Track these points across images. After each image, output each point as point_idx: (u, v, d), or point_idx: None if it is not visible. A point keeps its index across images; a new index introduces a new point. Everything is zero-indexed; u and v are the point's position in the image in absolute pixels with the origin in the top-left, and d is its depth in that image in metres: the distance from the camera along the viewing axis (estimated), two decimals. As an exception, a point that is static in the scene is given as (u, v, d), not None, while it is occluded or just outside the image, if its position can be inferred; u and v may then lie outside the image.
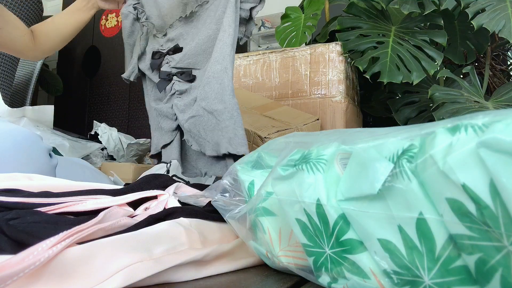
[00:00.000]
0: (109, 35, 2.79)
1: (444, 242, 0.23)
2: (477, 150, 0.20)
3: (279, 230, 0.35)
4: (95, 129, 1.59)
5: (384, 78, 1.04)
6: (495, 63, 1.38)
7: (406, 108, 1.26)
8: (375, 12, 1.24)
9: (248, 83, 1.25)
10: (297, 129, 0.92)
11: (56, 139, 1.30)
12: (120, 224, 0.34)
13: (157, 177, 0.51)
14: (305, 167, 0.31)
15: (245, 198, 0.39)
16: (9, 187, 0.39)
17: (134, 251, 0.30)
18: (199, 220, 0.39)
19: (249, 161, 0.42)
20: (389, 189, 0.24)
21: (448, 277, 0.23)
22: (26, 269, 0.23)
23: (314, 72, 1.15)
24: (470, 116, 0.22)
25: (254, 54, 1.25)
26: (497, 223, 0.20)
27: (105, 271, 0.27)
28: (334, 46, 1.13)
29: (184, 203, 0.44)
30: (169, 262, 0.31)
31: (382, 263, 0.25)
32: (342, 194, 0.28)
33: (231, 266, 0.37)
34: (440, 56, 1.12)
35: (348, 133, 0.31)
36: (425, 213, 0.23)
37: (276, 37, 1.46)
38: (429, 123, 0.25)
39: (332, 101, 1.11)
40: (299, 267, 0.34)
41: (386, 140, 0.26)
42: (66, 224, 0.33)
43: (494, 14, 0.97)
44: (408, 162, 0.24)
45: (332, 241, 0.29)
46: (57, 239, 0.26)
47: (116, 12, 2.81)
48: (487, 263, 0.21)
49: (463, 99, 0.99)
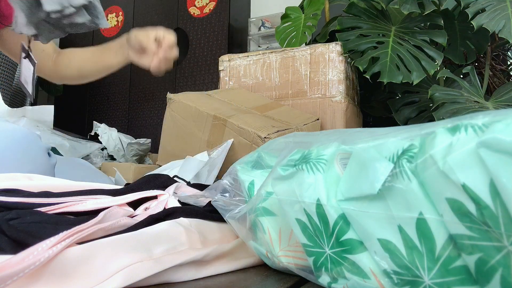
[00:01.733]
0: (109, 35, 2.79)
1: (444, 242, 0.23)
2: (477, 150, 0.20)
3: (279, 230, 0.35)
4: (95, 130, 1.59)
5: (384, 78, 1.04)
6: (495, 63, 1.38)
7: (406, 108, 1.26)
8: (375, 12, 1.24)
9: (248, 83, 1.25)
10: (297, 129, 0.92)
11: (56, 139, 1.30)
12: (120, 224, 0.34)
13: (157, 177, 0.51)
14: (305, 167, 0.31)
15: (245, 198, 0.39)
16: (9, 187, 0.39)
17: (134, 251, 0.30)
18: (199, 220, 0.39)
19: (249, 161, 0.42)
20: (389, 189, 0.24)
21: (448, 277, 0.23)
22: (26, 269, 0.23)
23: (314, 72, 1.15)
24: (470, 116, 0.22)
25: (254, 54, 1.25)
26: (497, 223, 0.20)
27: (105, 271, 0.27)
28: (334, 46, 1.13)
29: (184, 203, 0.44)
30: (169, 262, 0.31)
31: (382, 263, 0.25)
32: (342, 194, 0.28)
33: (231, 266, 0.37)
34: (440, 56, 1.12)
35: (348, 133, 0.31)
36: (425, 213, 0.23)
37: (276, 37, 1.46)
38: (429, 123, 0.25)
39: (332, 101, 1.11)
40: (299, 267, 0.34)
41: (386, 140, 0.26)
42: (66, 224, 0.33)
43: (494, 14, 0.97)
44: (408, 162, 0.24)
45: (332, 241, 0.29)
46: (57, 239, 0.26)
47: (116, 12, 2.81)
48: (487, 263, 0.21)
49: (463, 99, 0.99)
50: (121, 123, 2.63)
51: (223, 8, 2.51)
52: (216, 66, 2.38)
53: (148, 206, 0.43)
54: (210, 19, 2.54)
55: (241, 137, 0.85)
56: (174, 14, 2.68)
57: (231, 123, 0.87)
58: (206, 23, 2.56)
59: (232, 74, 1.27)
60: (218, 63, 1.30)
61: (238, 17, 2.60)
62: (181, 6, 2.66)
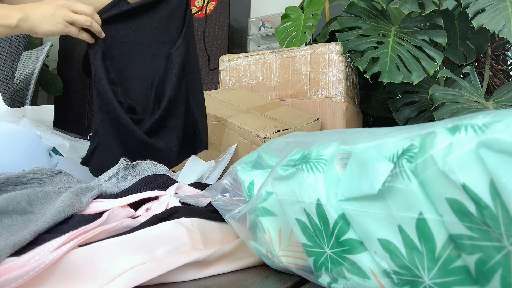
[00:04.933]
0: (109, 35, 2.78)
1: (444, 242, 0.23)
2: (477, 150, 0.20)
3: (279, 230, 0.35)
4: (95, 130, 1.58)
5: (384, 78, 1.04)
6: (495, 63, 1.38)
7: (406, 108, 1.26)
8: (375, 12, 1.24)
9: (248, 83, 1.25)
10: (297, 129, 0.92)
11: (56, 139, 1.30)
12: (123, 225, 0.34)
13: (156, 178, 0.51)
14: (305, 167, 0.31)
15: (245, 198, 0.39)
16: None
17: (136, 252, 0.30)
18: (200, 220, 0.39)
19: (249, 161, 0.42)
20: (389, 189, 0.24)
21: (448, 277, 0.23)
22: (31, 272, 0.23)
23: (314, 72, 1.15)
24: (470, 116, 0.22)
25: (254, 54, 1.25)
26: (497, 223, 0.20)
27: (109, 273, 0.27)
28: (334, 46, 1.13)
29: (185, 203, 0.44)
30: (172, 263, 0.31)
31: (382, 263, 0.25)
32: (342, 194, 0.28)
33: (231, 267, 0.37)
34: (440, 56, 1.12)
35: (348, 133, 0.31)
36: (425, 213, 0.23)
37: (276, 37, 1.46)
38: (429, 123, 0.25)
39: (332, 101, 1.11)
40: (299, 267, 0.34)
41: (386, 140, 0.26)
42: (70, 225, 0.33)
43: (494, 14, 0.97)
44: (408, 162, 0.24)
45: (332, 241, 0.29)
46: (62, 240, 0.26)
47: (116, 12, 2.81)
48: (487, 263, 0.21)
49: (463, 99, 0.99)
50: (121, 123, 2.64)
51: (223, 8, 2.51)
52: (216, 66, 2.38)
53: (149, 207, 0.43)
54: (210, 19, 2.54)
55: (241, 137, 0.85)
56: (174, 14, 2.68)
57: (231, 123, 0.87)
58: (206, 23, 2.55)
59: (232, 74, 1.27)
60: (218, 63, 1.30)
61: (238, 17, 2.60)
62: (181, 6, 2.66)
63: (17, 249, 0.27)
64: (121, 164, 0.54)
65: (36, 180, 0.42)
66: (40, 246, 0.25)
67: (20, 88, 1.96)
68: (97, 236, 0.31)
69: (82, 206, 0.38)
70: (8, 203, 0.31)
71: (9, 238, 0.26)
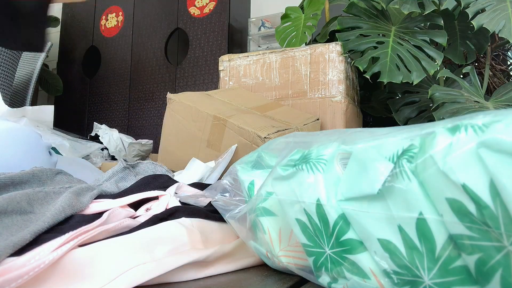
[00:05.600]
0: (109, 35, 2.79)
1: (444, 242, 0.23)
2: (477, 150, 0.20)
3: (279, 230, 0.35)
4: (96, 131, 1.59)
5: (384, 78, 1.04)
6: (495, 63, 1.38)
7: (406, 108, 1.26)
8: (375, 12, 1.24)
9: (248, 83, 1.25)
10: (297, 129, 0.92)
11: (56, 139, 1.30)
12: (123, 225, 0.34)
13: (156, 178, 0.51)
14: (305, 167, 0.31)
15: (245, 198, 0.39)
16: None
17: (136, 252, 0.30)
18: (200, 220, 0.39)
19: (249, 161, 0.42)
20: (389, 189, 0.24)
21: (448, 277, 0.23)
22: (31, 272, 0.23)
23: (314, 72, 1.15)
24: (470, 116, 0.22)
25: (254, 54, 1.25)
26: (497, 223, 0.20)
27: (109, 273, 0.27)
28: (334, 46, 1.13)
29: (185, 203, 0.44)
30: (172, 263, 0.31)
31: (382, 263, 0.25)
32: (342, 194, 0.28)
33: (231, 267, 0.37)
34: (440, 56, 1.12)
35: (348, 133, 0.31)
36: (425, 213, 0.23)
37: (276, 37, 1.46)
38: (429, 123, 0.25)
39: (332, 101, 1.11)
40: (299, 267, 0.34)
41: (386, 140, 0.26)
42: (70, 225, 0.33)
43: (494, 14, 0.97)
44: (408, 162, 0.24)
45: (332, 241, 0.29)
46: (63, 240, 0.26)
47: (116, 12, 2.81)
48: (487, 263, 0.21)
49: (463, 99, 0.99)
50: (121, 123, 2.64)
51: (223, 8, 2.51)
52: (216, 66, 2.38)
53: (149, 206, 0.43)
54: (210, 19, 2.54)
55: (241, 137, 0.85)
56: (174, 14, 2.68)
57: (231, 123, 0.87)
58: (206, 23, 2.56)
59: (232, 74, 1.27)
60: (218, 63, 1.30)
61: (238, 17, 2.60)
62: (181, 6, 2.66)
63: (17, 249, 0.27)
64: (121, 164, 0.54)
65: (36, 180, 0.42)
66: (40, 246, 0.25)
67: (20, 88, 1.96)
68: (97, 236, 0.31)
69: (82, 206, 0.38)
70: (8, 203, 0.31)
71: (9, 238, 0.26)
